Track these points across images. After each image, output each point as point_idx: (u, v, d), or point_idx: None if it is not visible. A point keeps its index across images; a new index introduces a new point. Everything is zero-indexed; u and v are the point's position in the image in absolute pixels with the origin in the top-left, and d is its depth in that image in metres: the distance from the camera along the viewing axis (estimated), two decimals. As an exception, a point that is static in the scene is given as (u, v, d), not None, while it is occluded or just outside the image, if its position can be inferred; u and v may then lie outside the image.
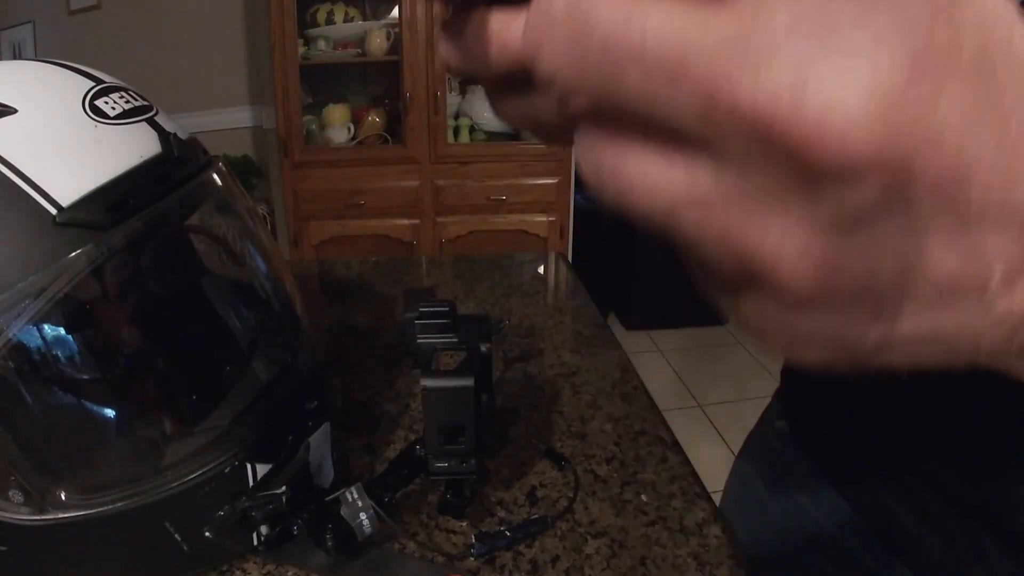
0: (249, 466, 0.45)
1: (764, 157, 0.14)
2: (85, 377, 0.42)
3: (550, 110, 0.18)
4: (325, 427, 0.50)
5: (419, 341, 0.49)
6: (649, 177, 0.15)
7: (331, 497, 0.46)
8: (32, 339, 0.39)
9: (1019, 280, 0.15)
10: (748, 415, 0.75)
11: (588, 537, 0.50)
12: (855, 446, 0.51)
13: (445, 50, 0.20)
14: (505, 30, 0.18)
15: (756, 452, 0.67)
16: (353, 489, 0.46)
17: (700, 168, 0.15)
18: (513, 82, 0.19)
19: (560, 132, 0.19)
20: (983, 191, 0.14)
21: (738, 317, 0.18)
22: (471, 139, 2.50)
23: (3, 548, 0.43)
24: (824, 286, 0.15)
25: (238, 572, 0.48)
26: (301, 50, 2.33)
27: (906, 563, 0.48)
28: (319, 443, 0.49)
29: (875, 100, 0.12)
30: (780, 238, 0.14)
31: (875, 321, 0.16)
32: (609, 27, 0.14)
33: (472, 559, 0.48)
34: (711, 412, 2.40)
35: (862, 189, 0.13)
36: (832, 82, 0.12)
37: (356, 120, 2.49)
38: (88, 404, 0.43)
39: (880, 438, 0.48)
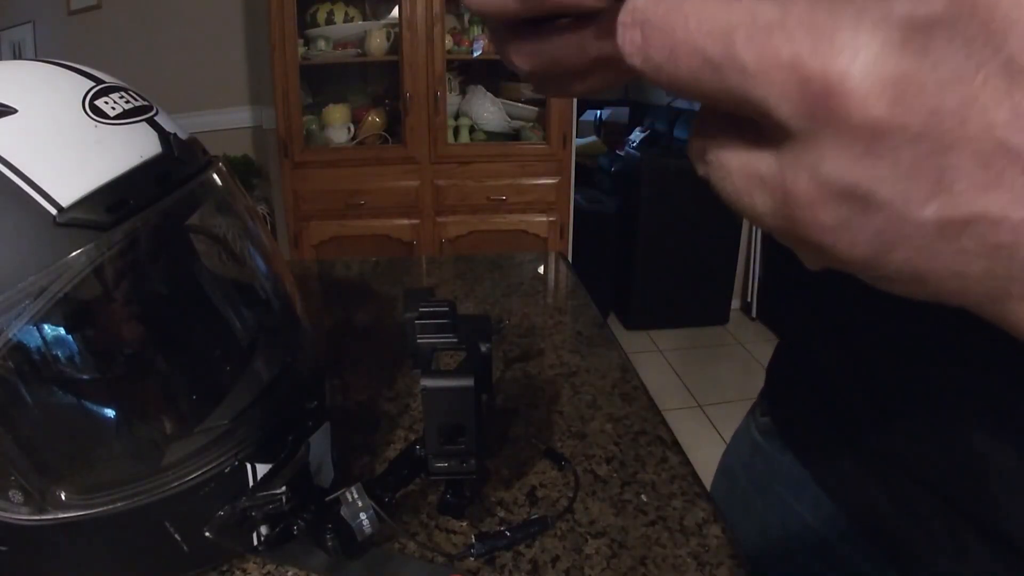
0: (249, 466, 0.45)
1: (801, 114, 0.15)
2: (85, 377, 0.42)
3: (577, 52, 0.19)
4: (325, 427, 0.50)
5: (419, 341, 0.49)
6: (720, 147, 0.17)
7: (331, 497, 0.46)
8: (32, 339, 0.39)
9: None
10: (748, 415, 0.75)
11: (588, 537, 0.50)
12: (837, 442, 0.51)
13: None
14: None
15: (741, 448, 0.67)
16: (353, 489, 0.46)
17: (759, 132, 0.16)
18: (534, 25, 0.20)
19: (573, 78, 0.20)
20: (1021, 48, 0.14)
21: (783, 183, 0.17)
22: (471, 139, 2.50)
23: (3, 548, 0.43)
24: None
25: (238, 572, 0.48)
26: (301, 50, 2.33)
27: (888, 559, 0.48)
28: (319, 443, 0.49)
29: (889, 60, 0.14)
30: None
31: (937, 185, 0.16)
32: (682, 26, 0.16)
33: (472, 559, 0.48)
34: (711, 412, 2.40)
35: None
36: (853, 52, 0.14)
37: (356, 120, 2.49)
38: (88, 404, 0.43)
39: (861, 434, 0.48)
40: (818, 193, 0.17)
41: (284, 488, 0.45)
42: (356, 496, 0.45)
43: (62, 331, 0.40)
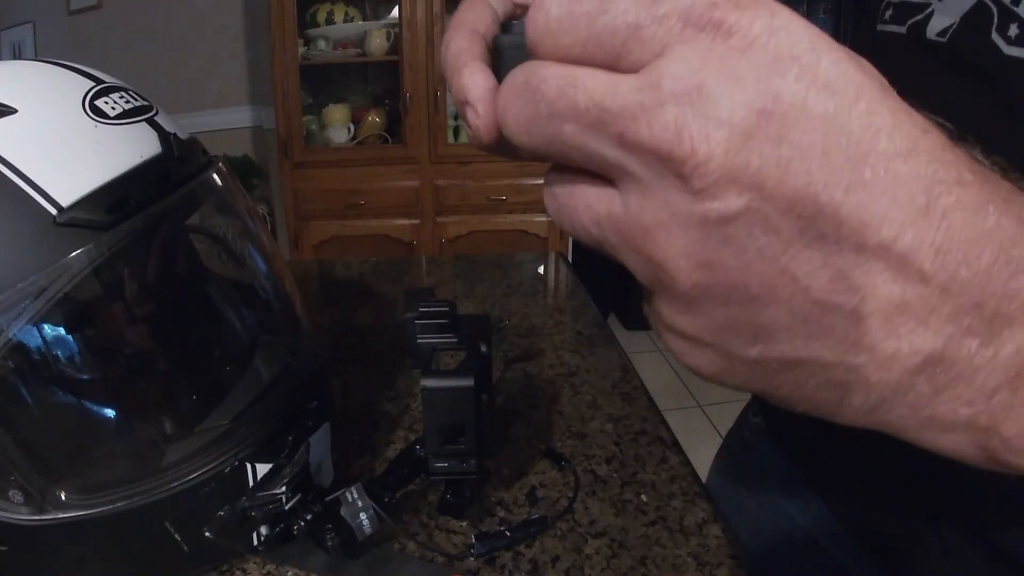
0: (249, 466, 0.45)
1: (656, 177, 0.18)
2: (85, 377, 0.42)
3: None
4: (325, 427, 0.50)
5: (419, 341, 0.49)
6: (586, 202, 0.20)
7: (331, 497, 0.46)
8: (32, 339, 0.39)
9: (900, 320, 0.18)
10: (748, 415, 0.75)
11: (588, 537, 0.50)
12: (827, 444, 0.52)
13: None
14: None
15: (734, 448, 0.67)
16: (353, 489, 0.46)
17: (617, 192, 0.19)
18: None
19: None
20: (836, 224, 0.17)
21: (651, 320, 0.22)
22: (471, 139, 2.50)
23: (3, 548, 0.43)
24: (701, 286, 0.19)
25: (238, 572, 0.48)
26: (301, 50, 2.33)
27: (877, 560, 0.48)
28: (319, 443, 0.49)
29: (731, 135, 0.17)
30: (668, 242, 0.19)
31: (754, 334, 0.19)
32: (553, 92, 0.19)
33: (472, 559, 0.48)
34: (711, 412, 2.40)
35: (725, 201, 0.17)
36: (703, 124, 0.17)
37: (356, 120, 2.49)
38: (88, 404, 0.43)
39: (848, 434, 0.49)
40: (662, 328, 0.21)
41: (284, 488, 0.45)
42: (356, 496, 0.45)
43: (62, 331, 0.40)
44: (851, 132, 0.17)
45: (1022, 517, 0.38)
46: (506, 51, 0.24)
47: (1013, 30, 0.33)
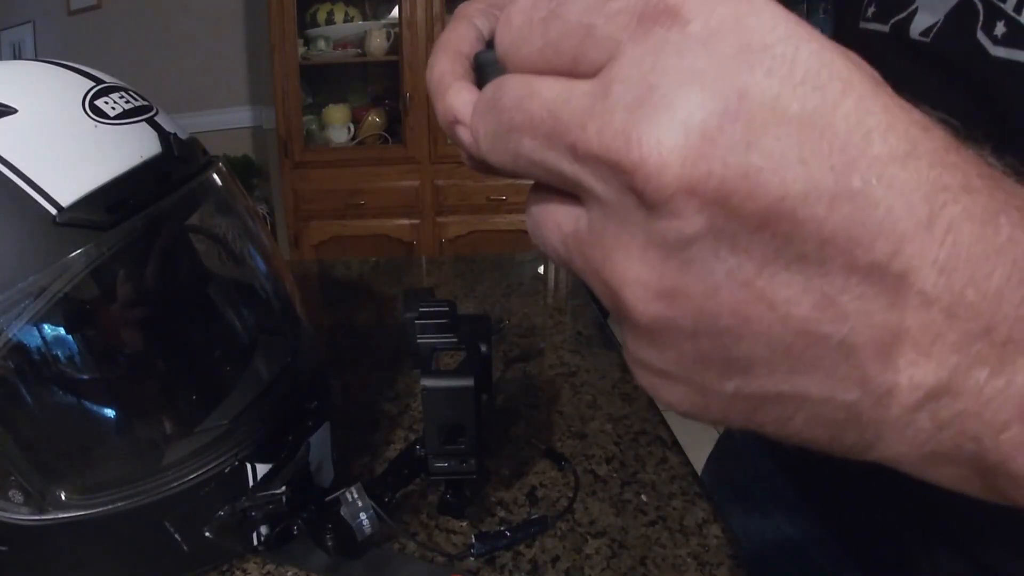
0: (249, 466, 0.45)
1: (610, 191, 0.16)
2: (85, 377, 0.42)
3: None
4: (325, 427, 0.50)
5: (419, 341, 0.49)
6: (554, 220, 0.19)
7: (331, 497, 0.46)
8: (32, 339, 0.39)
9: (898, 351, 0.16)
10: (748, 415, 0.75)
11: (588, 537, 0.50)
12: (813, 453, 0.52)
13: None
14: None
15: (725, 454, 0.67)
16: (353, 489, 0.46)
17: (581, 210, 0.18)
18: None
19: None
20: (820, 242, 0.15)
21: (623, 350, 0.20)
22: (471, 139, 2.50)
23: (3, 548, 0.43)
24: (663, 318, 0.17)
25: (238, 572, 0.48)
26: (301, 50, 2.33)
27: (863, 568, 0.48)
28: (319, 443, 0.49)
29: (687, 141, 0.15)
30: (625, 267, 0.17)
31: (729, 369, 0.17)
32: (511, 104, 0.18)
33: (472, 559, 0.48)
34: (711, 412, 2.40)
35: (684, 218, 0.15)
36: (654, 129, 0.15)
37: (356, 120, 2.49)
38: (88, 404, 0.43)
39: None
40: (629, 359, 0.19)
41: (284, 488, 0.45)
42: (356, 496, 0.45)
43: (62, 331, 0.40)
44: (836, 134, 0.15)
45: (1009, 535, 0.38)
46: (487, 67, 0.23)
47: (1000, 29, 0.32)
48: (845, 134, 0.15)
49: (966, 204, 0.15)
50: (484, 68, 0.23)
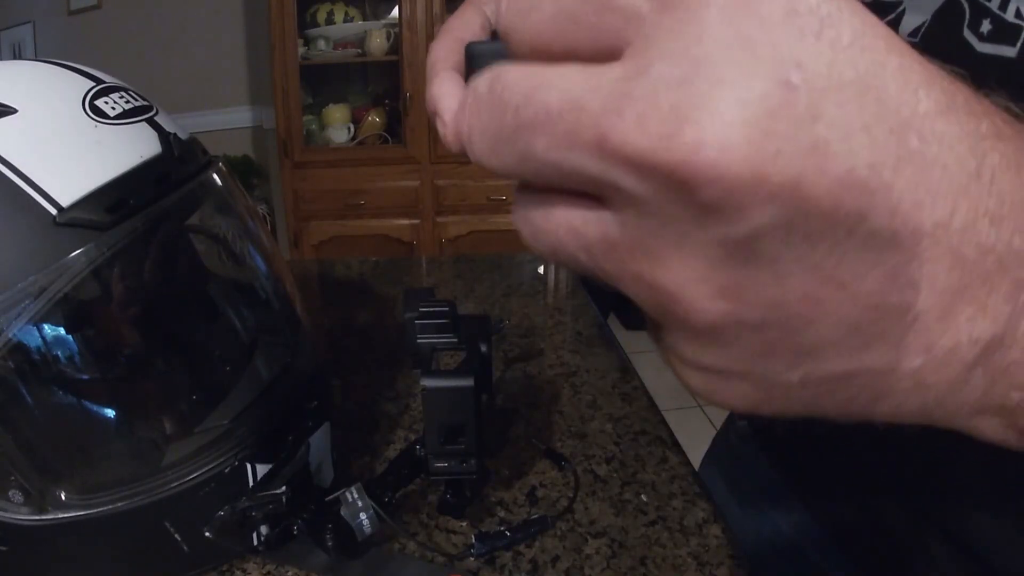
0: (249, 466, 0.45)
1: (654, 193, 0.14)
2: (85, 377, 0.42)
3: None
4: (325, 427, 0.50)
5: (419, 341, 0.49)
6: (570, 226, 0.16)
7: (331, 497, 0.46)
8: (32, 339, 0.39)
9: (959, 309, 0.15)
10: (748, 415, 0.75)
11: (588, 537, 0.50)
12: (810, 450, 0.52)
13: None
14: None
15: (720, 452, 0.67)
16: (353, 489, 0.46)
17: (609, 213, 0.16)
18: None
19: None
20: (889, 211, 0.14)
21: (663, 354, 0.18)
22: (471, 139, 2.50)
23: (3, 548, 0.43)
24: (728, 315, 0.15)
25: (238, 572, 0.48)
26: (301, 50, 2.33)
27: (859, 566, 0.48)
28: (319, 443, 0.49)
29: (746, 126, 0.13)
30: (680, 269, 0.15)
31: (796, 357, 0.16)
32: (518, 100, 0.15)
33: (472, 559, 0.48)
34: (711, 412, 2.40)
35: (752, 212, 0.14)
36: (704, 115, 0.13)
37: (356, 120, 2.49)
38: (88, 404, 0.43)
39: (832, 442, 0.49)
40: (678, 363, 0.18)
41: (284, 488, 0.45)
42: (356, 496, 0.45)
43: (62, 331, 0.40)
44: (889, 95, 0.14)
45: (1006, 530, 0.38)
46: (478, 59, 0.20)
47: (986, 26, 0.32)
48: (897, 94, 0.14)
49: (1002, 151, 0.15)
50: (475, 60, 0.21)
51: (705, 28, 0.13)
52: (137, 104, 0.45)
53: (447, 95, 0.21)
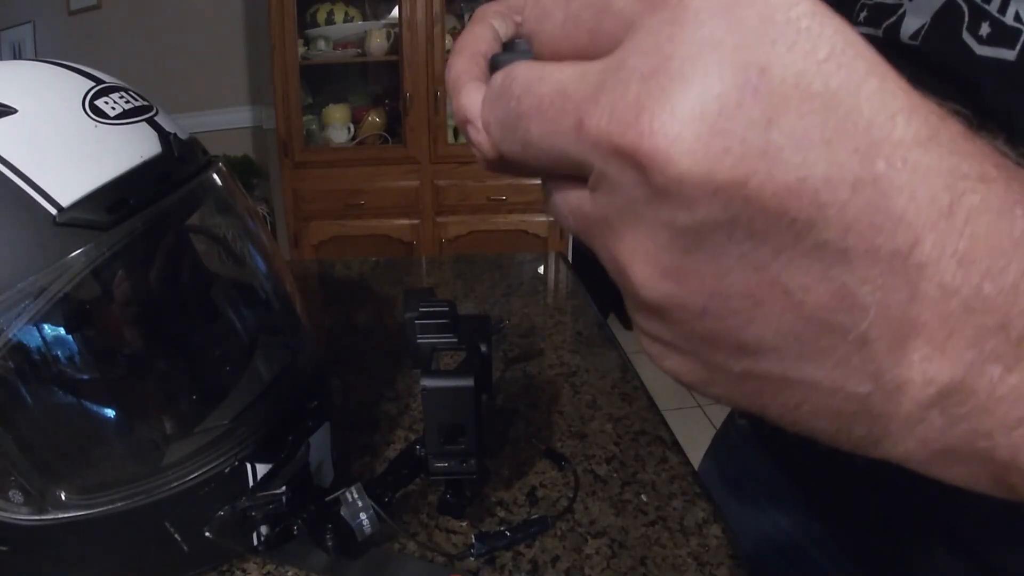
0: (249, 466, 0.45)
1: (618, 173, 0.15)
2: (85, 377, 0.42)
3: None
4: (325, 427, 0.50)
5: (419, 341, 0.49)
6: (567, 203, 0.18)
7: (331, 497, 0.46)
8: (32, 339, 0.39)
9: (913, 346, 0.15)
10: (748, 415, 0.75)
11: (588, 537, 0.50)
12: (810, 448, 0.52)
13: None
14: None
15: (720, 450, 0.67)
16: (353, 489, 0.46)
17: (588, 192, 0.17)
18: None
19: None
20: (842, 228, 0.14)
21: (632, 327, 0.20)
22: (471, 139, 2.50)
23: (3, 548, 0.43)
24: (670, 297, 0.16)
25: (238, 572, 0.48)
26: (301, 50, 2.33)
27: (859, 564, 0.48)
28: (319, 443, 0.49)
29: (696, 121, 0.14)
30: (633, 245, 0.16)
31: (737, 350, 0.17)
32: (520, 90, 0.17)
33: (472, 559, 0.48)
34: (711, 412, 2.40)
35: (696, 202, 0.14)
36: (661, 107, 0.14)
37: (356, 120, 2.49)
38: (88, 404, 0.43)
39: None
40: (637, 329, 0.19)
41: (284, 488, 0.45)
42: (356, 496, 0.45)
43: (62, 331, 0.40)
44: (861, 115, 0.14)
45: (1006, 532, 0.38)
46: (502, 67, 0.23)
47: (984, 29, 0.32)
48: (870, 115, 0.14)
49: (984, 194, 0.15)
50: (500, 68, 0.23)
51: (680, 28, 0.14)
52: (137, 104, 0.45)
53: (475, 103, 0.21)
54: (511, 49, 0.24)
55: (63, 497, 0.42)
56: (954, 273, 0.15)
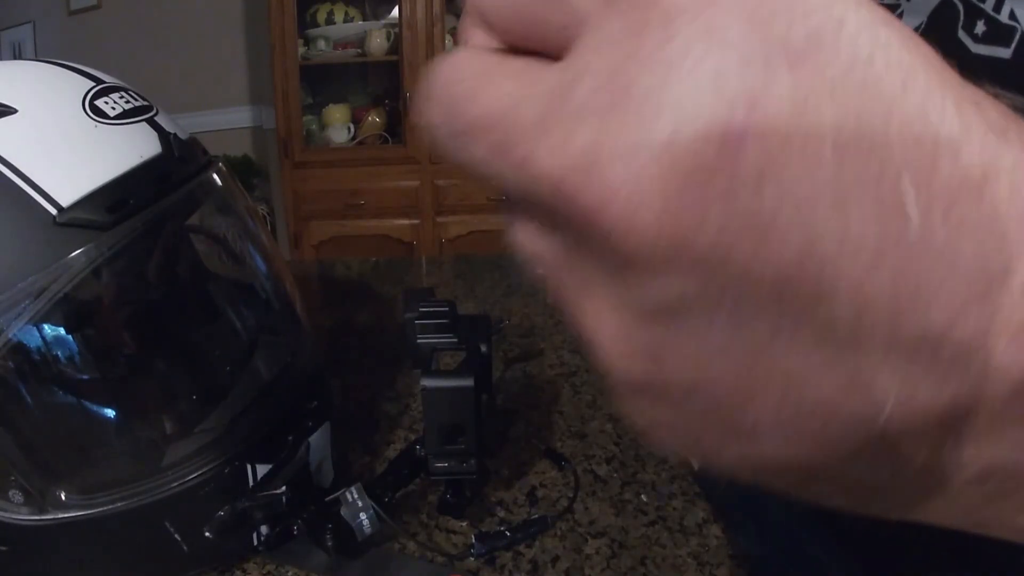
0: (249, 466, 0.45)
1: (576, 229, 0.12)
2: (85, 377, 0.42)
3: None
4: (325, 427, 0.50)
5: (419, 341, 0.49)
6: (524, 234, 0.15)
7: (331, 497, 0.46)
8: (32, 339, 0.39)
9: (945, 437, 0.12)
10: (748, 415, 0.75)
11: (588, 537, 0.50)
12: None
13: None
14: None
15: None
16: (353, 489, 0.46)
17: (547, 233, 0.14)
18: None
19: None
20: (855, 308, 0.11)
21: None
22: (471, 139, 2.50)
23: (3, 548, 0.43)
24: (649, 376, 0.13)
25: (238, 572, 0.48)
26: (301, 50, 2.33)
27: (858, 560, 0.48)
28: (319, 443, 0.49)
29: (664, 180, 0.10)
30: (596, 319, 0.13)
31: (730, 434, 0.13)
32: (464, 94, 0.13)
33: (472, 559, 0.48)
34: (711, 412, 2.40)
35: (665, 279, 0.11)
36: (619, 160, 0.11)
37: (356, 120, 2.49)
38: (88, 404, 0.43)
39: None
40: (621, 406, 0.15)
41: (284, 488, 0.45)
42: (356, 496, 0.45)
43: (62, 331, 0.40)
44: (891, 156, 0.10)
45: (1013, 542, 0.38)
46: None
47: (980, 27, 0.32)
48: (903, 154, 0.10)
49: None
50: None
51: (646, 41, 0.11)
52: (137, 104, 0.45)
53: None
54: None
55: (63, 497, 0.42)
56: (1004, 351, 0.11)
